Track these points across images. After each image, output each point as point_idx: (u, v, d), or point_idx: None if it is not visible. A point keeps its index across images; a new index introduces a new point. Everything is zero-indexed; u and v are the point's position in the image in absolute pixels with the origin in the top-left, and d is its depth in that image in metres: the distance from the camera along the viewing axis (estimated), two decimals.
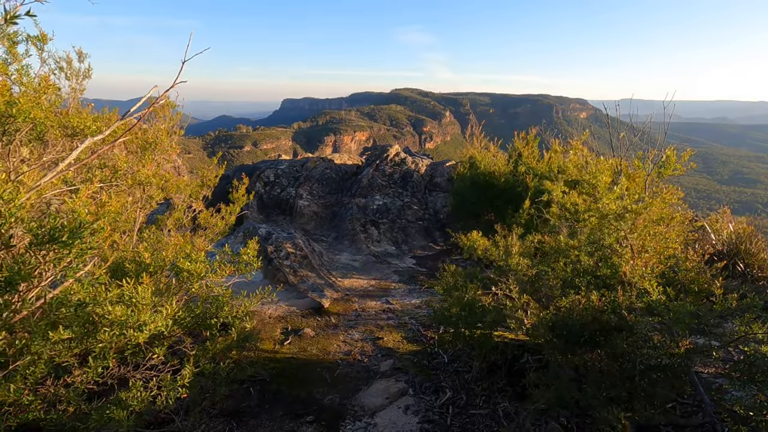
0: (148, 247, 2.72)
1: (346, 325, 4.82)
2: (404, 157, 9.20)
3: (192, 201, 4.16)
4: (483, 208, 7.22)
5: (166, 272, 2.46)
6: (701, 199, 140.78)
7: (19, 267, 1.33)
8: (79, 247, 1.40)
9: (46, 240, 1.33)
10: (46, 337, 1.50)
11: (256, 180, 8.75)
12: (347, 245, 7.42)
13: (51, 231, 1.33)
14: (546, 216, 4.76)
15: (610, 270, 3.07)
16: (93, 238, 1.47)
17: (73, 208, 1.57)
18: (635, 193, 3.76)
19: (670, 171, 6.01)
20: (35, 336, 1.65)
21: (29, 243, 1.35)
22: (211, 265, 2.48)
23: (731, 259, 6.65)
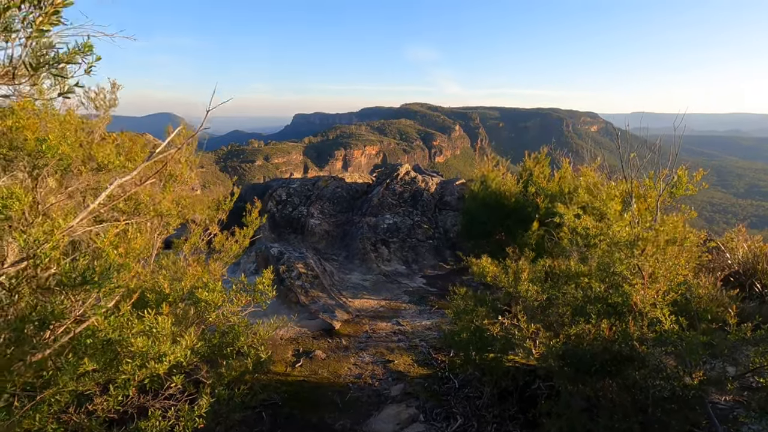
0: (166, 275, 2.81)
1: (357, 347, 4.85)
2: (414, 176, 9.29)
3: (208, 223, 4.27)
4: (493, 227, 7.24)
5: (184, 301, 2.54)
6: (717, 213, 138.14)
7: (54, 307, 1.42)
8: (108, 287, 1.49)
9: (78, 282, 1.41)
10: (75, 372, 1.57)
11: (269, 199, 8.90)
12: (358, 264, 7.48)
13: (83, 273, 1.41)
14: (557, 239, 4.77)
15: (621, 298, 3.07)
16: (120, 276, 1.55)
17: (102, 246, 1.66)
18: (646, 220, 3.76)
19: (682, 191, 5.99)
20: (64, 370, 1.73)
21: (63, 284, 1.44)
22: (227, 294, 2.55)
23: (748, 279, 6.52)
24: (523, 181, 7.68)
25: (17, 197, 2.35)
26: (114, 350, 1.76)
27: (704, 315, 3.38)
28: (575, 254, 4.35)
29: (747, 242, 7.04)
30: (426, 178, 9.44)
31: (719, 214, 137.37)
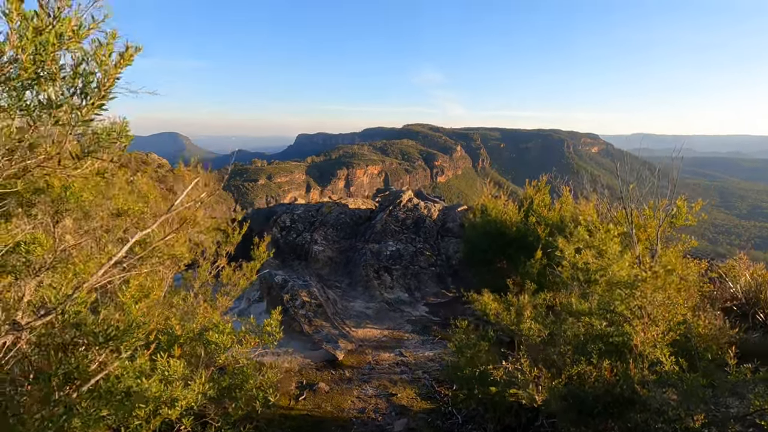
0: (177, 313, 2.89)
1: (360, 379, 4.86)
2: (417, 203, 9.42)
3: (216, 257, 4.36)
4: (495, 255, 7.30)
5: (194, 342, 2.61)
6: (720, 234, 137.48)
7: (78, 362, 1.50)
8: (129, 342, 1.57)
9: (102, 341, 1.50)
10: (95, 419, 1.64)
11: (273, 225, 9.01)
12: (361, 292, 7.52)
13: (107, 332, 1.50)
14: (558, 273, 4.84)
15: (621, 338, 3.13)
16: (140, 331, 1.64)
17: (124, 300, 1.75)
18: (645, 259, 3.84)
19: (682, 221, 6.07)
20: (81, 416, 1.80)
21: (87, 343, 1.52)
22: (236, 336, 2.63)
23: (751, 309, 6.52)
24: (524, 209, 7.78)
25: (39, 243, 2.46)
26: (129, 397, 1.83)
27: (704, 354, 3.43)
28: (576, 289, 4.41)
29: (749, 270, 7.06)
30: (428, 205, 9.56)
31: (722, 236, 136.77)
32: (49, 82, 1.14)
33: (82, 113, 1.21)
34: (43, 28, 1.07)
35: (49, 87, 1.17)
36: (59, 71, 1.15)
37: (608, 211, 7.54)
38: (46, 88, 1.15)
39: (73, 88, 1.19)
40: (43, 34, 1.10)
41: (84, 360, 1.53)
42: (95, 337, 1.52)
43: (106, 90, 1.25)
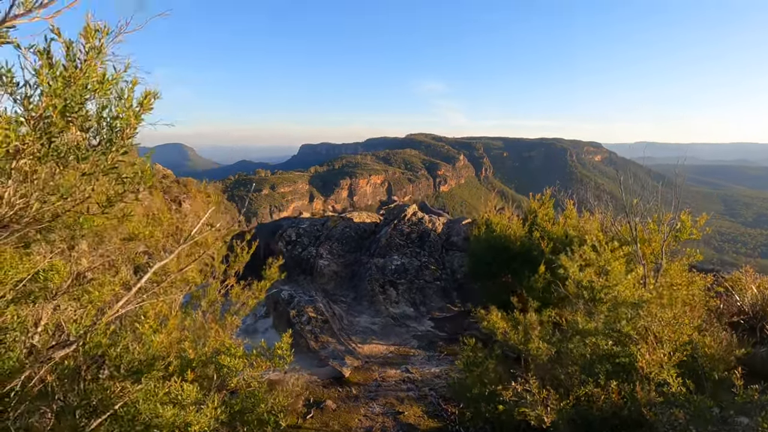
0: (189, 335, 2.94)
1: (367, 397, 4.87)
2: (421, 217, 9.47)
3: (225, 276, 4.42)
4: (499, 270, 7.32)
5: (207, 365, 2.65)
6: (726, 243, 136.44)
7: (102, 395, 1.55)
8: (151, 374, 1.62)
9: (125, 375, 1.56)
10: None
11: (278, 239, 9.08)
12: (366, 306, 7.55)
13: (129, 365, 1.56)
14: (563, 290, 4.86)
15: (628, 359, 3.15)
16: (161, 363, 1.69)
17: (143, 331, 1.80)
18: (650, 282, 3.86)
19: (686, 235, 6.09)
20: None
21: (110, 375, 1.58)
22: (248, 359, 2.67)
23: (758, 323, 6.48)
24: (528, 223, 7.82)
25: (57, 270, 2.53)
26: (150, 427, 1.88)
27: (711, 374, 3.43)
28: (581, 306, 4.43)
29: (756, 282, 7.02)
30: (433, 218, 9.62)
31: (728, 244, 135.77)
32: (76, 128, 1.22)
33: (108, 160, 1.28)
34: (72, 80, 1.15)
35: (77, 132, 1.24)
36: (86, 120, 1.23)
37: (612, 225, 7.56)
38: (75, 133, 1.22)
39: (99, 136, 1.27)
40: (72, 86, 1.18)
41: (106, 392, 1.59)
42: (118, 369, 1.57)
43: (129, 137, 1.32)
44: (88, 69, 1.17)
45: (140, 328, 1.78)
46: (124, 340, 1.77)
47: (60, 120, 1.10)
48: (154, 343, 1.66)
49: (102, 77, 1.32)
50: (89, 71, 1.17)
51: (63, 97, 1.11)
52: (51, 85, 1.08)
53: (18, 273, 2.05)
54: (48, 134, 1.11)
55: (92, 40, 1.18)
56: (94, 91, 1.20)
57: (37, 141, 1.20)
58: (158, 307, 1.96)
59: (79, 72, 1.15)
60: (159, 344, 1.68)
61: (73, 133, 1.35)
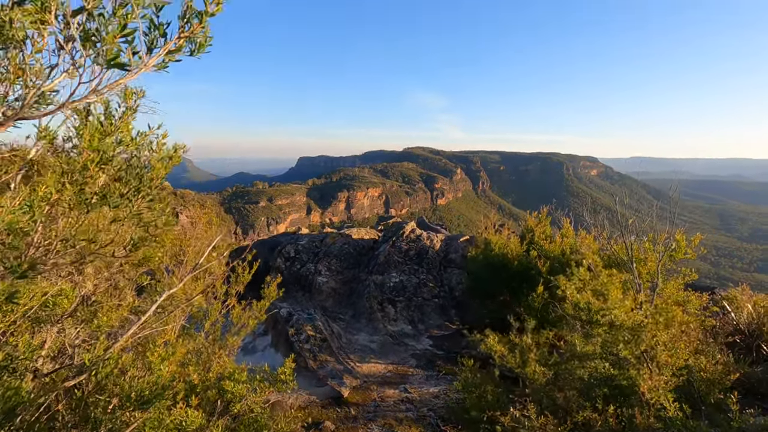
0: (192, 359, 2.97)
1: (366, 418, 4.87)
2: (419, 234, 9.54)
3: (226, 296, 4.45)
4: (498, 288, 7.37)
5: (210, 390, 2.68)
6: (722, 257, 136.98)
7: (113, 426, 1.59)
8: (160, 404, 1.67)
9: (135, 405, 1.60)
10: None
11: (277, 255, 9.11)
12: (364, 324, 7.56)
13: (140, 395, 1.60)
14: (561, 309, 4.91)
15: (626, 381, 3.19)
16: (169, 392, 1.74)
17: (152, 359, 1.85)
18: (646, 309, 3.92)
19: (681, 255, 6.17)
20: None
21: (121, 404, 1.62)
22: (251, 384, 2.70)
23: (754, 341, 6.52)
24: (526, 242, 7.89)
25: (66, 294, 2.58)
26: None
27: (707, 398, 3.48)
28: (578, 327, 4.48)
29: (751, 300, 7.09)
30: (431, 235, 9.69)
31: (725, 258, 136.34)
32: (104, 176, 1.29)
33: (134, 205, 1.35)
34: (106, 135, 1.23)
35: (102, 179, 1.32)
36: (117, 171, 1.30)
37: (608, 243, 7.65)
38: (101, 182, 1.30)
39: (128, 186, 1.34)
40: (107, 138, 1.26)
41: (116, 422, 1.63)
42: (128, 399, 1.61)
43: (156, 186, 1.40)
44: (123, 126, 1.25)
45: (149, 357, 1.82)
46: (133, 369, 1.82)
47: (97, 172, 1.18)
48: (163, 372, 1.71)
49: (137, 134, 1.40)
50: (123, 128, 1.25)
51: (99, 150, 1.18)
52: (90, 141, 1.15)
53: (29, 301, 2.10)
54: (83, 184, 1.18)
55: (129, 102, 1.26)
56: (127, 145, 1.28)
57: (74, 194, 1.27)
58: (167, 336, 2.01)
59: (114, 128, 1.23)
60: (168, 374, 1.73)
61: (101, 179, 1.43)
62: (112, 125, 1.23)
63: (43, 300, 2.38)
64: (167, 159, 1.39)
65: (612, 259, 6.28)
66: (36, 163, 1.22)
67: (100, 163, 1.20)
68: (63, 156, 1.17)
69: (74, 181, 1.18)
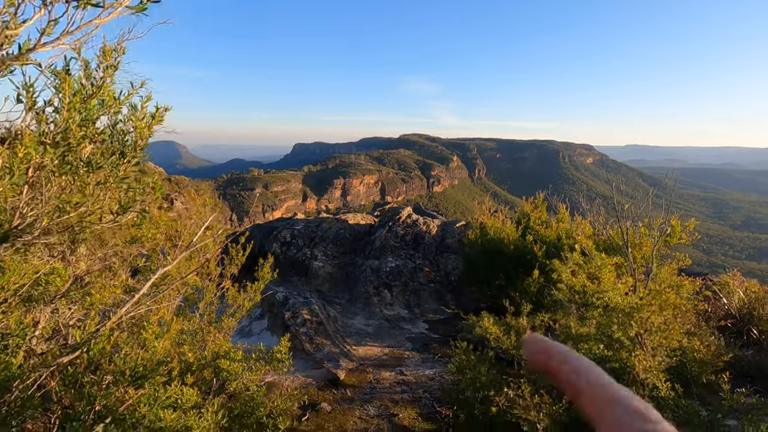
0: (188, 339, 2.96)
1: (362, 399, 4.91)
2: (416, 219, 9.53)
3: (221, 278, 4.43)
4: (493, 273, 7.40)
5: (206, 369, 2.68)
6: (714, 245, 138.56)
7: (106, 402, 1.58)
8: (154, 380, 1.65)
9: (129, 381, 1.58)
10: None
11: (273, 240, 9.08)
12: (361, 308, 7.58)
13: (134, 371, 1.58)
14: (556, 295, 4.94)
15: (618, 364, 3.22)
16: (164, 369, 1.72)
17: (146, 337, 1.83)
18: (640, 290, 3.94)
19: (676, 240, 6.21)
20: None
21: (115, 381, 1.60)
22: (247, 363, 2.70)
23: (745, 326, 6.63)
24: (522, 227, 7.91)
25: (58, 273, 2.54)
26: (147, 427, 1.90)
27: (699, 378, 3.52)
28: (573, 311, 4.51)
29: (743, 286, 7.18)
30: (427, 220, 9.68)
31: (717, 246, 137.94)
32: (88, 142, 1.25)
33: (120, 171, 1.31)
34: (88, 97, 1.18)
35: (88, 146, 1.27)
36: (100, 134, 1.26)
37: (604, 229, 7.68)
38: (87, 147, 1.25)
39: (112, 149, 1.30)
40: (88, 103, 1.21)
41: (110, 398, 1.61)
42: (122, 375, 1.60)
43: (141, 149, 1.35)
44: (104, 86, 1.20)
45: (143, 334, 1.80)
46: (127, 346, 1.80)
47: (78, 132, 1.13)
48: (157, 348, 1.69)
49: (119, 94, 1.35)
50: (105, 88, 1.20)
51: (80, 111, 1.14)
52: (71, 101, 1.11)
53: (20, 279, 2.07)
54: (66, 146, 1.13)
55: (109, 60, 1.21)
56: (110, 106, 1.23)
57: (56, 157, 1.22)
58: (160, 313, 1.98)
59: (96, 89, 1.18)
60: (162, 350, 1.71)
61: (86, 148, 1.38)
62: (94, 86, 1.19)
63: (34, 278, 2.35)
64: (150, 119, 1.34)
65: (607, 243, 6.31)
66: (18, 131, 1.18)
67: (82, 124, 1.16)
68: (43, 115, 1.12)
69: (56, 143, 1.14)
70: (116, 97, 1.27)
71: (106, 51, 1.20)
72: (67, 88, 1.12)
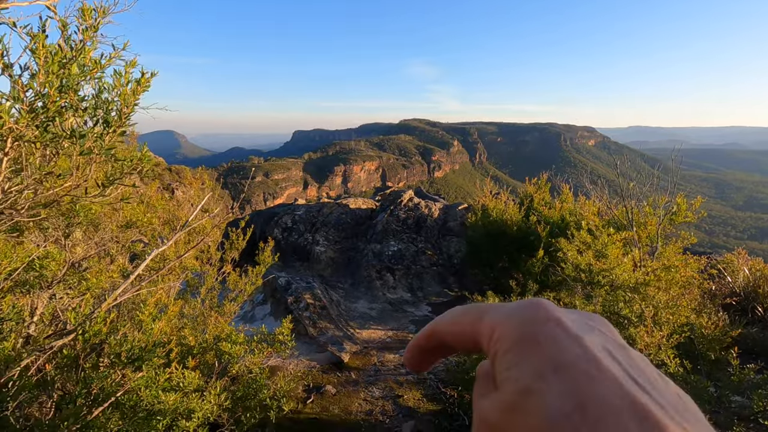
0: (188, 323, 2.91)
1: (366, 381, 4.91)
2: (417, 202, 9.44)
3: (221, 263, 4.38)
4: (497, 255, 7.35)
5: (208, 352, 2.64)
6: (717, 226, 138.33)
7: (103, 383, 1.53)
8: (152, 362, 1.60)
9: (125, 362, 1.53)
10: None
11: (274, 226, 9.03)
12: (363, 292, 7.56)
13: (130, 353, 1.53)
14: (560, 272, 4.88)
15: (627, 341, 3.18)
16: (162, 350, 1.67)
17: (143, 319, 1.77)
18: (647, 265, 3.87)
19: (682, 218, 6.11)
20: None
21: (110, 363, 1.55)
22: (249, 345, 2.66)
23: (749, 303, 6.59)
24: (524, 208, 7.83)
25: (53, 257, 2.48)
26: (152, 414, 1.86)
27: (707, 355, 3.48)
28: (579, 289, 4.46)
29: (747, 264, 7.12)
30: (429, 204, 9.60)
31: (719, 227, 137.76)
32: (71, 112, 1.16)
33: (105, 141, 1.23)
34: (67, 61, 1.09)
35: (71, 117, 1.19)
36: (81, 101, 1.17)
37: (608, 209, 7.59)
38: (71, 118, 1.17)
39: (96, 117, 1.21)
40: (67, 68, 1.12)
41: (107, 381, 1.56)
42: (118, 357, 1.54)
43: (126, 117, 1.27)
44: (83, 48, 1.11)
45: (140, 316, 1.74)
46: (124, 328, 1.74)
47: (56, 95, 1.05)
48: (154, 330, 1.64)
49: (99, 57, 1.26)
50: (85, 51, 1.12)
51: (59, 76, 1.05)
52: (47, 63, 1.02)
53: (12, 262, 2.00)
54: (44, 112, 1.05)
55: (89, 20, 1.11)
56: (92, 70, 1.14)
57: (32, 123, 1.14)
58: (157, 294, 1.93)
59: (75, 52, 1.09)
60: (159, 331, 1.66)
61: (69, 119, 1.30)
62: (73, 50, 1.10)
63: (27, 262, 2.28)
64: (136, 85, 1.26)
65: (612, 223, 6.23)
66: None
67: (62, 90, 1.08)
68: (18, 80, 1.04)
69: (32, 109, 1.06)
70: (97, 61, 1.18)
71: (85, 9, 1.11)
72: (43, 49, 1.04)
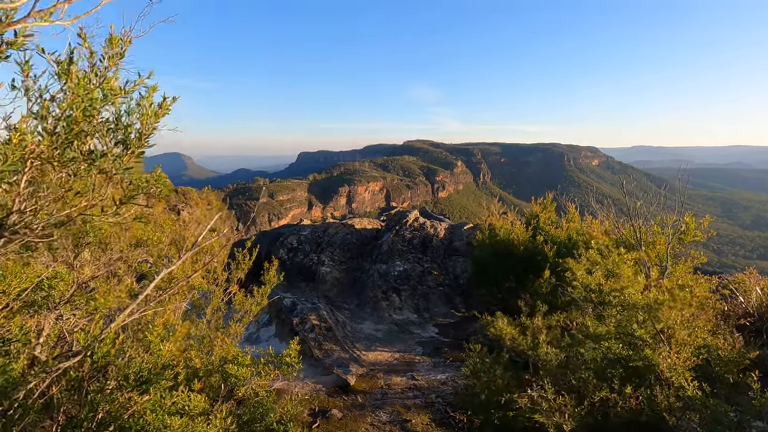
0: (194, 344, 2.88)
1: (373, 405, 4.79)
2: (423, 222, 9.43)
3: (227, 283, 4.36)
4: (503, 275, 7.27)
5: (214, 374, 2.59)
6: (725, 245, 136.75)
7: (110, 407, 1.50)
8: (160, 384, 1.57)
9: (134, 385, 1.50)
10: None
11: (280, 246, 9.02)
12: (369, 313, 7.47)
13: (138, 376, 1.50)
14: (570, 294, 4.81)
15: (642, 362, 3.09)
16: (170, 372, 1.64)
17: (151, 339, 1.75)
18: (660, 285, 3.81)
19: (691, 237, 6.04)
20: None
21: (119, 386, 1.52)
22: (255, 367, 2.61)
23: (764, 324, 6.43)
24: (531, 227, 7.78)
25: (62, 278, 2.47)
26: None
27: (725, 378, 3.38)
28: (590, 310, 4.38)
29: (759, 283, 6.99)
30: (434, 224, 9.57)
31: (727, 246, 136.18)
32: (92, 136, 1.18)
33: (123, 161, 1.24)
34: (93, 88, 1.11)
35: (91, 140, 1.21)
36: (104, 124, 1.19)
37: (615, 228, 7.53)
38: (89, 141, 1.19)
39: (115, 139, 1.23)
40: (92, 93, 1.14)
41: (114, 404, 1.53)
42: (126, 380, 1.52)
43: (145, 139, 1.29)
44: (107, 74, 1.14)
45: (148, 337, 1.72)
46: (132, 350, 1.72)
47: (80, 116, 1.07)
48: (163, 351, 1.61)
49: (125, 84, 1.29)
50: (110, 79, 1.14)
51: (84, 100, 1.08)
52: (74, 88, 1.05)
53: (22, 282, 2.00)
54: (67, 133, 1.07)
55: (115, 48, 1.15)
56: (115, 95, 1.17)
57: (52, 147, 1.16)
58: (165, 315, 1.91)
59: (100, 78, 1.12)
60: (168, 353, 1.63)
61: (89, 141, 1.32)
62: (98, 76, 1.13)
63: (36, 282, 2.28)
64: (157, 108, 1.28)
65: (620, 242, 6.17)
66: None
67: (86, 113, 1.09)
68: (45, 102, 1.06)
69: (55, 132, 1.07)
70: (122, 87, 1.21)
71: (112, 39, 1.14)
72: (72, 77, 1.06)
